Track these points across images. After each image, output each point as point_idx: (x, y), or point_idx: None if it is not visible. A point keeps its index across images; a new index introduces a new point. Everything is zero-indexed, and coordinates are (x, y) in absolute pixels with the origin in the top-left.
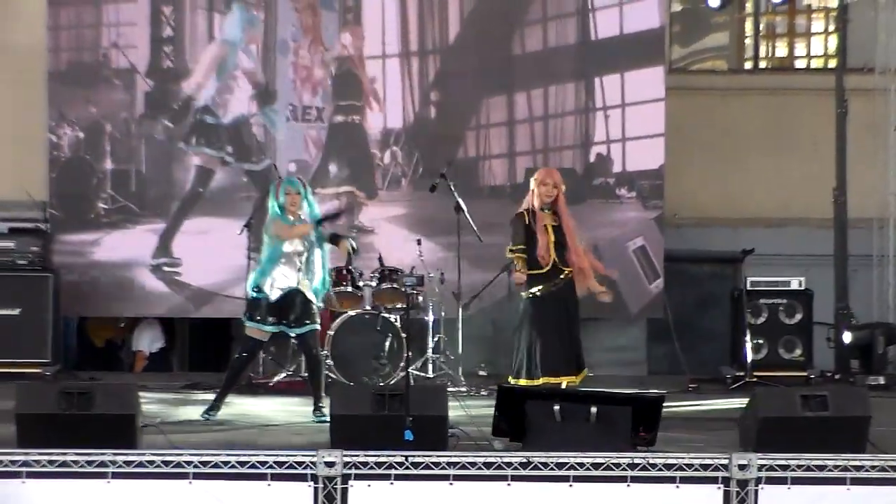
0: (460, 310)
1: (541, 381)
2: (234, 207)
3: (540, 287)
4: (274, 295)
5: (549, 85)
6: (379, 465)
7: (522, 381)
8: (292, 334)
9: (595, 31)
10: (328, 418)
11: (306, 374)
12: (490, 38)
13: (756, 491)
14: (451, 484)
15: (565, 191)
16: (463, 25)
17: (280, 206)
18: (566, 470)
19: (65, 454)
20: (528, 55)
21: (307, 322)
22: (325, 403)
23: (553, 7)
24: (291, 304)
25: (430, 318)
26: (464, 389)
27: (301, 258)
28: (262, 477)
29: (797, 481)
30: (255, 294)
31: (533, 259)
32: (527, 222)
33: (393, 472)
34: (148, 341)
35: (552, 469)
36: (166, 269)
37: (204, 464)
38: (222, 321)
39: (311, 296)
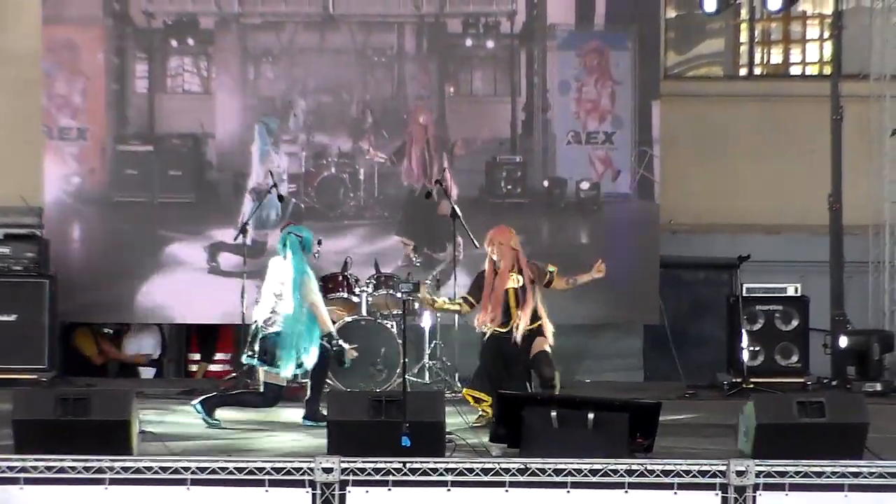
0: (456, 316)
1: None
2: None
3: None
4: None
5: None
6: (376, 471)
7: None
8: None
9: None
10: (319, 424)
11: (310, 381)
12: None
13: (754, 497)
14: (448, 490)
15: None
16: None
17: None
18: (564, 476)
19: (62, 460)
20: None
21: None
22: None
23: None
24: None
25: (427, 324)
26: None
27: None
28: (259, 483)
29: (795, 488)
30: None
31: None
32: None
33: (390, 478)
34: (148, 345)
35: (550, 475)
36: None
37: (202, 470)
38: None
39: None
